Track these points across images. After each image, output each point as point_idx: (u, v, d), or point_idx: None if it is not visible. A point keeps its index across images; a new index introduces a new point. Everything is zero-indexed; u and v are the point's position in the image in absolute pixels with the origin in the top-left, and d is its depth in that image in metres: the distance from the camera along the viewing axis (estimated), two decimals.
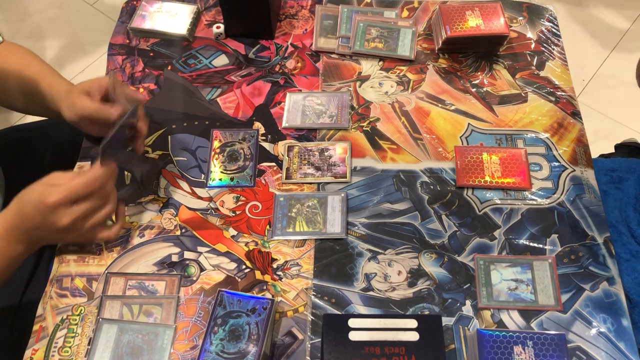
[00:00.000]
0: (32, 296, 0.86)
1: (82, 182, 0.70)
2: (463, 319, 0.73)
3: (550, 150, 0.88)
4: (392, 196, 0.84)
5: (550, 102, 0.93)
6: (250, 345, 0.68)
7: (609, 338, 0.71)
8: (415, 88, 0.95)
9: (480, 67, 0.98)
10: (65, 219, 0.69)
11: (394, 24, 1.02)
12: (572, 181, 0.85)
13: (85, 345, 0.72)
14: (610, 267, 0.77)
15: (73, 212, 0.70)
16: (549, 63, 0.98)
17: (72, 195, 0.69)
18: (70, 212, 0.70)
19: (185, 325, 0.73)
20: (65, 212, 0.69)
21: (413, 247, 0.79)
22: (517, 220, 0.81)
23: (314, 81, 0.97)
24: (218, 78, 0.98)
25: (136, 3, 1.07)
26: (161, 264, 0.79)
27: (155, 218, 0.83)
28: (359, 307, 0.75)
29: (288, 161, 0.87)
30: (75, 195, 0.70)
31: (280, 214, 0.82)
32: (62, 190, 0.69)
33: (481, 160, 0.86)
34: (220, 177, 0.86)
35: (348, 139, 0.90)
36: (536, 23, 1.03)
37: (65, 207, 0.69)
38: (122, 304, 0.75)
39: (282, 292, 0.76)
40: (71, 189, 0.69)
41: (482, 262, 0.77)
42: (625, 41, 2.06)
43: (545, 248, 0.79)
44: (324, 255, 0.79)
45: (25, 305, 0.86)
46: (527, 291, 0.75)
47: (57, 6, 2.17)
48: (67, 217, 0.70)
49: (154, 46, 1.02)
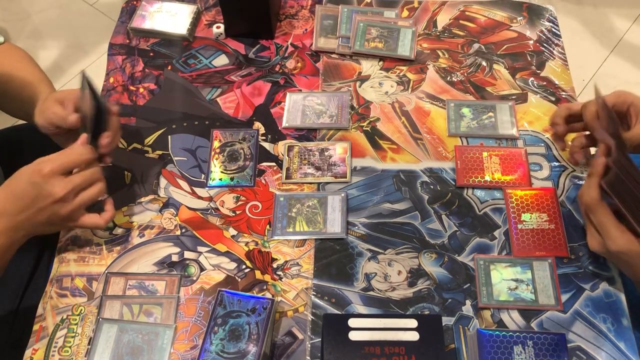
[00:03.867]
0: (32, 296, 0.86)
1: (74, 153, 0.72)
2: (463, 319, 0.73)
3: (550, 150, 0.88)
4: (392, 196, 0.84)
5: (550, 102, 0.93)
6: (251, 345, 0.68)
7: (609, 338, 0.71)
8: (415, 88, 0.95)
9: (480, 67, 0.98)
10: (59, 188, 0.70)
11: (394, 23, 1.02)
12: (572, 181, 0.85)
13: (85, 345, 0.72)
14: (611, 267, 0.77)
15: (67, 181, 0.71)
16: (549, 63, 0.98)
17: (65, 165, 0.71)
18: (65, 181, 0.71)
19: (185, 325, 0.73)
20: (59, 181, 0.70)
21: (413, 247, 0.79)
22: None
23: (314, 81, 0.97)
24: (218, 78, 0.98)
25: (136, 3, 1.07)
26: (161, 263, 0.79)
27: (155, 218, 0.83)
28: (359, 307, 0.75)
29: (288, 161, 0.87)
30: (68, 165, 0.71)
31: (280, 214, 0.82)
32: (56, 160, 0.70)
33: (481, 160, 0.86)
34: (220, 177, 0.86)
35: (348, 139, 0.90)
36: (536, 23, 1.03)
37: (60, 177, 0.71)
38: (122, 304, 0.75)
39: (282, 292, 0.76)
40: (65, 159, 0.71)
41: (482, 262, 0.77)
42: (625, 41, 2.06)
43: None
44: (324, 255, 0.79)
45: (25, 305, 0.86)
46: (527, 291, 0.75)
47: (57, 6, 2.17)
48: (61, 187, 0.70)
49: (154, 46, 1.02)
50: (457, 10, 1.06)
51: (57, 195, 0.70)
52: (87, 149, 0.74)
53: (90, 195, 0.74)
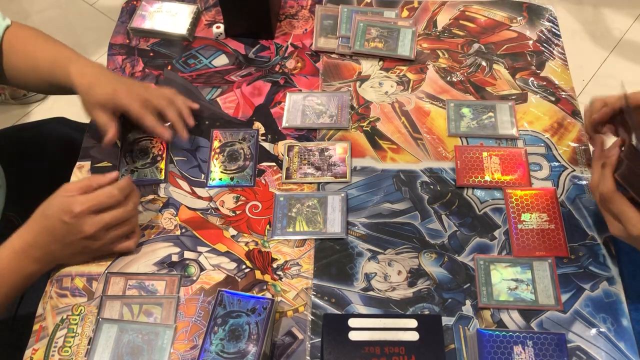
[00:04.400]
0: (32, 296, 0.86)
1: (104, 194, 0.73)
2: (463, 319, 0.73)
3: (550, 150, 0.88)
4: (392, 196, 0.84)
5: (550, 102, 0.93)
6: (250, 345, 0.68)
7: (609, 338, 0.71)
8: (415, 88, 0.95)
9: (480, 67, 0.98)
10: (88, 227, 0.72)
11: (394, 23, 1.02)
12: (572, 181, 0.85)
13: (85, 345, 0.72)
14: (611, 267, 0.77)
15: (98, 221, 0.72)
16: (549, 63, 0.98)
17: (94, 207, 0.72)
18: (96, 221, 0.72)
19: (185, 325, 0.73)
20: (90, 221, 0.72)
21: (413, 247, 0.79)
22: None
23: (314, 81, 0.97)
24: (218, 78, 0.98)
25: (136, 3, 1.07)
26: (161, 263, 0.79)
27: (155, 218, 0.83)
28: (359, 307, 0.75)
29: (288, 161, 0.87)
30: (97, 207, 0.72)
31: (280, 214, 0.82)
32: (89, 199, 0.72)
33: (481, 160, 0.86)
34: (220, 177, 0.86)
35: (348, 139, 0.90)
36: (536, 23, 1.03)
37: (91, 216, 0.72)
38: (122, 304, 0.75)
39: (282, 291, 0.76)
40: (97, 198, 0.72)
41: (482, 262, 0.77)
42: (625, 41, 2.06)
43: None
44: (324, 255, 0.79)
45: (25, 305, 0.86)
46: (527, 291, 0.75)
47: (57, 6, 2.17)
48: (92, 226, 0.72)
49: (154, 46, 1.02)
50: (457, 10, 1.06)
51: (87, 233, 0.72)
52: (115, 192, 0.74)
53: (122, 232, 0.76)
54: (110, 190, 0.73)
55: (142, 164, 0.87)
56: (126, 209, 0.75)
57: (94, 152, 0.89)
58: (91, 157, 0.89)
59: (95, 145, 0.89)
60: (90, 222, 0.72)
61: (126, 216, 0.75)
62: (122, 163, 0.87)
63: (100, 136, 0.84)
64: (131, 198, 0.76)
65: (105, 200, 0.73)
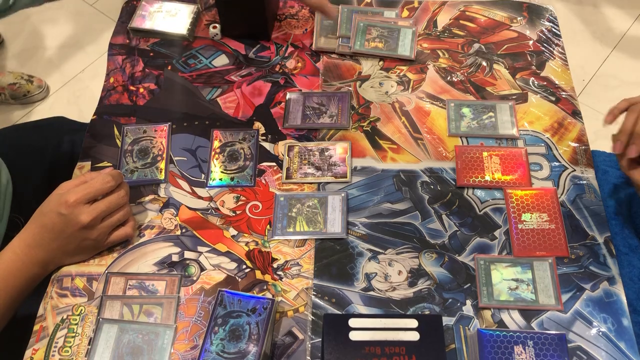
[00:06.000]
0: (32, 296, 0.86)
1: (97, 182, 0.74)
2: (463, 319, 0.73)
3: (550, 150, 0.88)
4: (393, 196, 0.84)
5: (550, 102, 0.93)
6: (251, 345, 0.68)
7: (610, 338, 0.71)
8: (415, 88, 0.95)
9: (480, 67, 0.98)
10: (84, 216, 0.73)
11: (394, 23, 1.02)
12: (573, 181, 0.85)
13: (86, 345, 0.72)
14: (611, 266, 0.77)
15: (92, 209, 0.73)
16: (549, 63, 0.98)
17: (88, 195, 0.73)
18: (90, 209, 0.73)
19: (186, 325, 0.73)
20: (86, 209, 0.73)
21: (413, 247, 0.79)
22: None
23: (314, 81, 0.97)
24: (218, 78, 0.98)
25: (136, 3, 1.07)
26: (161, 263, 0.79)
27: (156, 218, 0.83)
28: (359, 307, 0.75)
29: (288, 161, 0.87)
30: (91, 195, 0.73)
31: (280, 214, 0.82)
32: (80, 191, 0.73)
33: (481, 160, 0.86)
34: (220, 177, 0.86)
35: (348, 139, 0.90)
36: (536, 23, 1.03)
37: (86, 205, 0.73)
38: (122, 304, 0.75)
39: (282, 292, 0.76)
40: (87, 189, 0.73)
41: (482, 262, 0.77)
42: (625, 41, 2.06)
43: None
44: (324, 255, 0.79)
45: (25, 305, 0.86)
46: (527, 291, 0.75)
47: (57, 6, 2.17)
48: (88, 215, 0.73)
49: (154, 46, 1.02)
50: (457, 10, 1.06)
51: (84, 222, 0.73)
52: (109, 178, 0.75)
53: (117, 219, 0.77)
54: (103, 177, 0.75)
55: (142, 164, 0.87)
56: (119, 194, 0.76)
57: (94, 152, 0.89)
58: (91, 157, 0.89)
59: (96, 145, 0.89)
60: (85, 211, 0.73)
61: (120, 202, 0.76)
62: (122, 163, 0.87)
63: (100, 136, 0.83)
64: (122, 186, 0.78)
65: (99, 186, 0.74)
